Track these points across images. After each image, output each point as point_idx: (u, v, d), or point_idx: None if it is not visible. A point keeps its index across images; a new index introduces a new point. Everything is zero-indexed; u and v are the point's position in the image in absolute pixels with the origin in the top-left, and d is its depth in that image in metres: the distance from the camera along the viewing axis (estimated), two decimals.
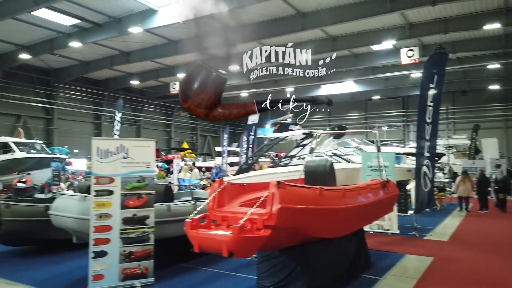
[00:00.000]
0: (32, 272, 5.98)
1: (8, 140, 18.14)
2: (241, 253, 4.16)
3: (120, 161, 5.66)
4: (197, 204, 6.82)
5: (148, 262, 5.63)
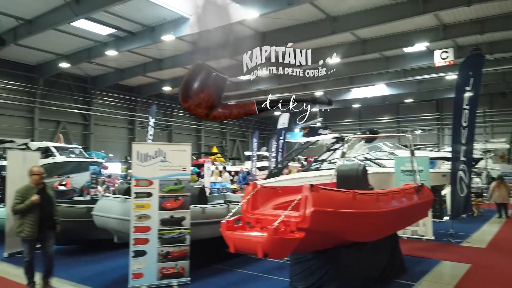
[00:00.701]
0: (77, 270, 6.33)
1: (49, 145, 19.06)
2: (275, 254, 4.26)
3: (158, 165, 5.92)
4: (230, 207, 7.00)
5: (184, 262, 5.84)
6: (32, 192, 5.33)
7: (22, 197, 5.29)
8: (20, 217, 5.31)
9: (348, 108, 39.93)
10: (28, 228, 5.23)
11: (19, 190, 5.46)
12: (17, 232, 5.34)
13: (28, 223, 5.24)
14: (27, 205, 5.21)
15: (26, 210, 5.24)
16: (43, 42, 20.81)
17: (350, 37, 20.36)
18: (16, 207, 5.27)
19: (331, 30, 18.04)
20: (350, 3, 16.36)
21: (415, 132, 32.72)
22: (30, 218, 5.25)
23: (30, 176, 5.53)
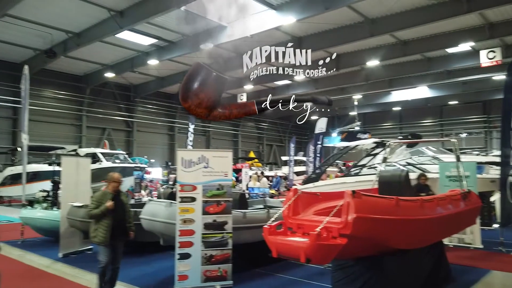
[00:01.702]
0: (126, 271, 6.61)
1: (96, 151, 20.06)
2: (318, 260, 4.29)
3: (201, 171, 6.13)
4: (270, 212, 7.09)
5: (227, 265, 5.99)
6: (107, 198, 5.37)
7: (98, 202, 5.35)
8: (95, 222, 5.39)
9: (388, 111, 38.96)
10: (102, 234, 5.29)
11: (95, 196, 5.55)
12: (92, 236, 5.42)
13: (102, 229, 5.30)
14: (102, 210, 5.26)
15: (101, 216, 5.29)
16: (90, 53, 21.98)
17: (389, 39, 19.94)
18: (91, 212, 5.36)
19: (370, 32, 17.78)
20: (389, 5, 16.06)
21: (460, 135, 31.34)
22: (104, 224, 5.31)
23: (110, 182, 5.54)
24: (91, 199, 5.57)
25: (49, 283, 6.47)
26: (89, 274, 6.58)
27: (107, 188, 5.53)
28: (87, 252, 8.41)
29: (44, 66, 22.64)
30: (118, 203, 5.45)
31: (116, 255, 5.51)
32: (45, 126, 24.02)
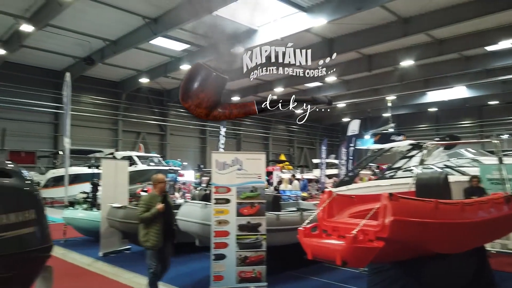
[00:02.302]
0: None
1: (132, 154, 20.72)
2: (354, 263, 4.26)
3: (235, 173, 6.22)
4: (303, 215, 7.07)
5: (261, 267, 6.04)
6: (156, 201, 5.24)
7: (147, 205, 5.22)
8: (145, 226, 5.24)
9: (423, 113, 37.84)
10: (154, 238, 5.16)
11: (144, 198, 5.46)
12: (142, 241, 5.29)
13: (153, 232, 5.16)
14: (153, 213, 5.13)
15: (152, 219, 5.16)
16: (126, 60, 22.76)
17: (424, 38, 19.38)
18: (142, 215, 5.21)
19: (403, 32, 17.37)
20: (423, 3, 15.63)
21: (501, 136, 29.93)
22: (156, 227, 5.17)
23: (156, 184, 5.46)
24: (140, 202, 5.45)
25: (91, 281, 6.76)
26: (128, 272, 6.83)
27: (153, 190, 5.46)
28: (125, 252, 8.71)
29: (83, 73, 23.65)
30: (166, 205, 5.34)
31: (165, 259, 5.42)
32: (84, 131, 25.05)
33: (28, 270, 2.18)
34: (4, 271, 1.98)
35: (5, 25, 18.13)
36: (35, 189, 2.32)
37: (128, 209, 8.21)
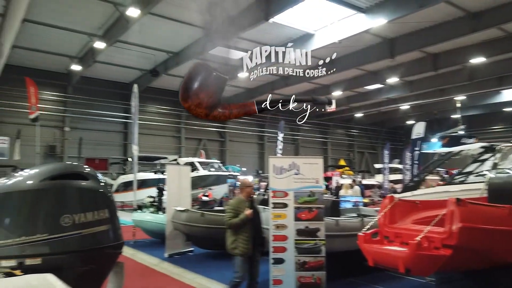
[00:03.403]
0: (224, 272, 7.01)
1: (193, 160, 21.55)
2: (419, 271, 4.08)
3: (292, 177, 6.23)
4: (364, 221, 6.87)
5: (321, 273, 5.96)
6: (244, 206, 5.09)
7: (235, 211, 5.10)
8: (234, 233, 5.10)
9: (497, 113, 34.95)
10: (243, 245, 5.02)
11: (231, 204, 5.31)
12: (231, 248, 5.15)
13: (242, 239, 5.03)
14: (242, 219, 4.99)
15: (240, 225, 5.04)
16: (186, 70, 23.80)
17: (496, 32, 17.95)
18: (231, 221, 5.06)
19: (472, 27, 16.25)
20: None
21: None
22: (245, 234, 5.03)
23: (243, 188, 5.33)
24: (228, 207, 5.28)
25: (158, 280, 7.14)
26: (191, 273, 7.12)
27: (240, 195, 5.32)
28: (188, 254, 9.08)
29: (149, 84, 25.15)
30: (254, 210, 5.18)
31: (254, 268, 5.21)
32: (150, 138, 26.54)
33: (102, 264, 2.38)
34: (83, 264, 2.17)
35: (81, 43, 19.92)
36: (108, 191, 2.53)
37: (190, 213, 8.58)
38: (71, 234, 2.13)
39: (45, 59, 22.01)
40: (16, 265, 1.92)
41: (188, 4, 16.10)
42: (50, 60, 22.26)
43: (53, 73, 23.83)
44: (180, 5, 15.99)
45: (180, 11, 16.63)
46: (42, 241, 2.02)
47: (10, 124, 22.54)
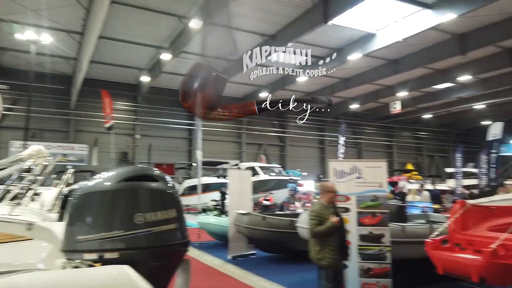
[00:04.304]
0: (288, 277, 7.06)
1: (254, 165, 21.87)
2: (494, 281, 3.79)
3: (354, 181, 6.09)
4: (434, 227, 6.49)
5: (386, 280, 5.74)
6: (328, 212, 4.66)
7: (319, 218, 4.63)
8: (319, 242, 4.65)
9: None
10: (330, 255, 4.57)
11: (315, 210, 4.84)
12: (316, 259, 4.69)
13: (329, 249, 4.58)
14: (328, 227, 4.53)
15: (326, 234, 4.58)
16: (247, 76, 24.27)
17: None
18: (316, 229, 4.60)
19: None
20: None
21: None
22: (331, 244, 4.59)
23: (325, 193, 4.88)
24: (311, 214, 4.82)
25: (222, 280, 7.36)
26: (253, 276, 7.23)
27: (322, 200, 4.89)
28: (251, 256, 9.23)
29: None
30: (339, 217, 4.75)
31: (340, 279, 4.86)
32: (212, 144, 27.44)
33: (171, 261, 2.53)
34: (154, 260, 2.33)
35: (149, 55, 21.26)
36: (175, 192, 2.69)
37: (252, 216, 8.74)
38: (143, 232, 2.29)
39: (118, 72, 23.82)
40: (96, 258, 2.10)
41: (246, 13, 16.49)
42: (122, 73, 24.04)
43: (125, 84, 25.69)
44: (238, 14, 16.40)
45: (239, 19, 17.06)
46: (119, 237, 2.20)
47: (88, 133, 24.70)
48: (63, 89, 23.44)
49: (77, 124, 25.00)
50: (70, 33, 18.25)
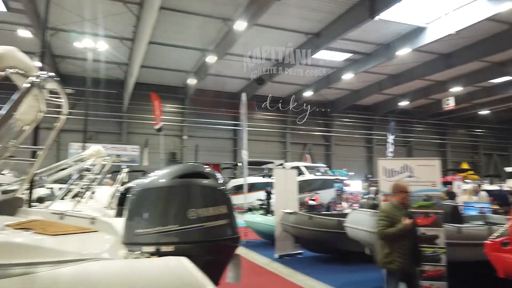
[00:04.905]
0: (334, 276, 6.96)
1: (299, 165, 21.73)
2: None
3: (405, 180, 5.87)
4: (493, 229, 6.11)
5: (441, 283, 5.49)
6: (400, 213, 4.38)
7: (389, 218, 4.37)
8: (388, 245, 4.34)
9: None
10: (401, 259, 4.26)
11: (384, 210, 4.57)
12: (385, 262, 4.39)
13: (400, 253, 4.28)
14: (400, 229, 4.25)
15: (397, 236, 4.31)
16: (290, 76, 24.20)
17: None
18: (386, 231, 4.32)
19: None
20: None
21: None
22: (402, 247, 4.29)
23: (397, 193, 4.57)
24: (380, 214, 4.57)
25: (270, 278, 7.40)
26: (301, 275, 7.21)
27: (393, 200, 4.61)
28: (298, 256, 9.20)
29: (255, 92, 26.27)
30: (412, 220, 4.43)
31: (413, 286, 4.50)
32: (257, 144, 27.62)
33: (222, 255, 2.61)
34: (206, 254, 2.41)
35: (195, 58, 21.83)
36: (225, 189, 2.77)
37: (299, 215, 8.71)
38: (196, 226, 2.37)
39: (165, 75, 24.72)
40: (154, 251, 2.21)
41: (290, 12, 16.45)
42: (170, 76, 24.91)
43: (173, 87, 26.60)
44: (282, 13, 16.42)
45: (282, 19, 17.07)
46: (174, 231, 2.30)
47: (140, 135, 25.84)
48: (116, 93, 24.74)
49: (129, 126, 26.26)
50: (122, 40, 19.21)
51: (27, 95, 1.74)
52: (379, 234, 4.44)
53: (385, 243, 4.39)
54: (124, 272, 1.36)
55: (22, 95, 1.70)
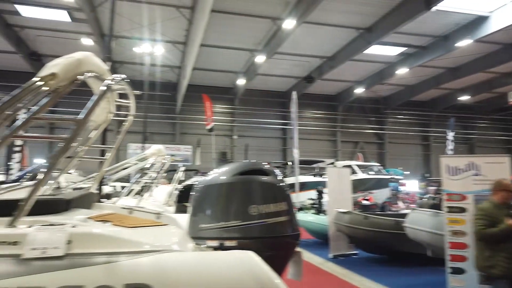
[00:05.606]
0: (391, 279, 6.70)
1: (351, 163, 21.21)
2: None
3: (471, 178, 5.53)
4: None
5: None
6: (501, 213, 4.04)
7: (489, 218, 4.05)
8: (490, 247, 4.03)
9: None
10: (504, 263, 3.91)
11: (483, 209, 4.24)
12: (485, 266, 4.08)
13: (503, 256, 3.92)
14: (502, 230, 3.91)
15: (499, 237, 3.96)
16: (341, 73, 23.74)
17: None
18: (486, 231, 4.02)
19: None
20: None
21: None
22: (507, 250, 3.93)
23: (498, 191, 4.25)
24: (479, 212, 4.27)
25: (326, 278, 7.30)
26: (357, 275, 7.04)
27: (493, 198, 4.29)
28: (353, 257, 8.99)
29: (304, 90, 26.07)
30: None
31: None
32: (306, 143, 27.35)
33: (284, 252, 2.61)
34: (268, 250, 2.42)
35: (244, 59, 22.10)
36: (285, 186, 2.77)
37: (353, 215, 8.51)
38: (258, 222, 2.40)
39: (216, 77, 25.28)
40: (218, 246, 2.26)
41: (339, 7, 16.12)
42: (220, 77, 25.44)
43: (223, 88, 27.14)
44: (331, 9, 16.13)
45: (332, 15, 16.77)
46: (236, 226, 2.34)
47: (192, 135, 26.65)
48: (169, 95, 25.73)
49: (182, 127, 27.19)
50: (175, 44, 19.92)
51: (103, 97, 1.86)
52: (477, 234, 4.18)
53: (485, 245, 4.08)
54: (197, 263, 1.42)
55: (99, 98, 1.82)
